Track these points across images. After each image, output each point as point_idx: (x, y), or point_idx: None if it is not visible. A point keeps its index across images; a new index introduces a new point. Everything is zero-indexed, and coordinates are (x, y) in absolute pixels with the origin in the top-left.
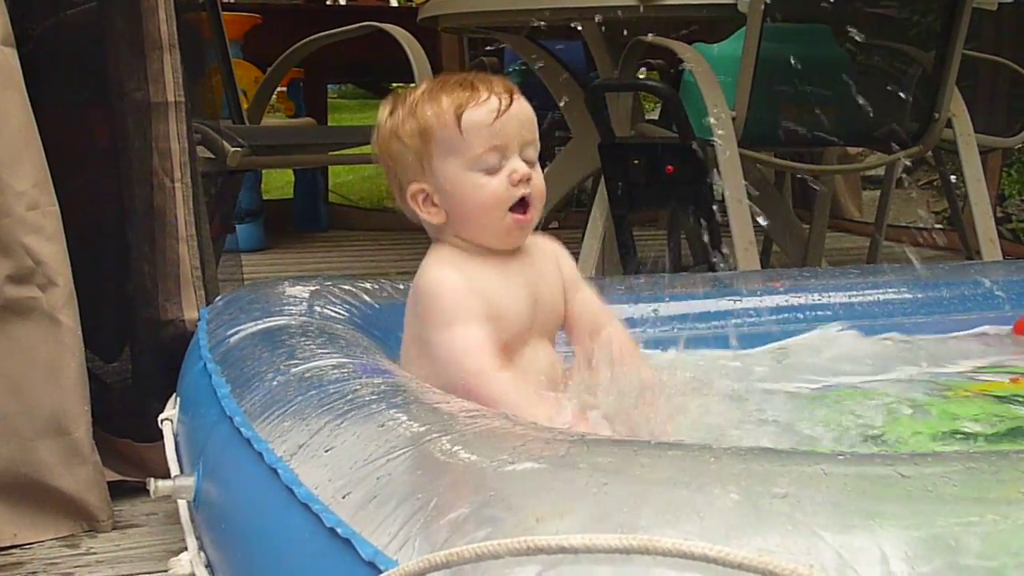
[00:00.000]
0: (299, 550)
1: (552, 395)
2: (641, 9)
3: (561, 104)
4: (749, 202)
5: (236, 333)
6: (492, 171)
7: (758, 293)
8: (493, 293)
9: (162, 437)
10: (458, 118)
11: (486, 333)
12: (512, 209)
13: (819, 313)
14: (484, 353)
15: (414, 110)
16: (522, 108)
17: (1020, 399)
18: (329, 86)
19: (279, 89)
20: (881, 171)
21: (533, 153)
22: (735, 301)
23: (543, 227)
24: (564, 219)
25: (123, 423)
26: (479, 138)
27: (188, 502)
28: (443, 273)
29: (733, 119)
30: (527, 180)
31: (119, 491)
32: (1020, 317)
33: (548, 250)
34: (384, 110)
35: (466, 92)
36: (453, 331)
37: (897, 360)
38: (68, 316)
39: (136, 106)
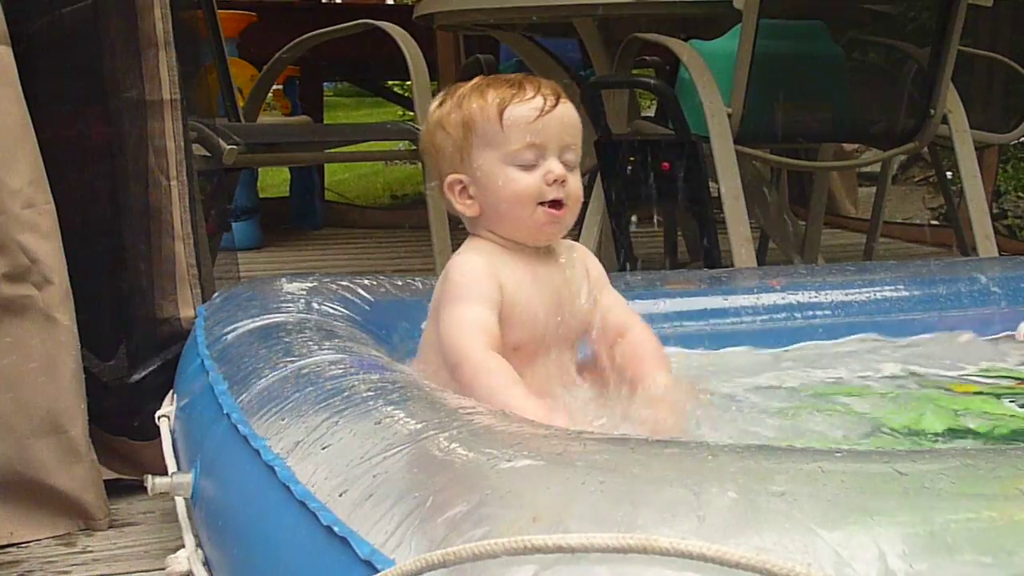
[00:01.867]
0: (296, 548)
1: (536, 399)
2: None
3: None
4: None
5: (234, 330)
6: (528, 168)
7: (754, 290)
8: (520, 291)
9: (158, 435)
10: (500, 112)
11: (489, 317)
12: (542, 203)
13: (816, 311)
14: (478, 332)
15: (460, 102)
16: (567, 111)
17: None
18: (325, 84)
19: (275, 87)
20: (877, 167)
21: (573, 158)
22: (732, 299)
23: None
24: None
25: (119, 421)
26: (518, 134)
27: (185, 499)
28: (468, 256)
29: (729, 116)
30: (562, 182)
31: (116, 489)
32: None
33: (578, 255)
34: (435, 102)
35: (512, 89)
36: (458, 307)
37: (894, 359)
38: (64, 314)
39: (132, 104)
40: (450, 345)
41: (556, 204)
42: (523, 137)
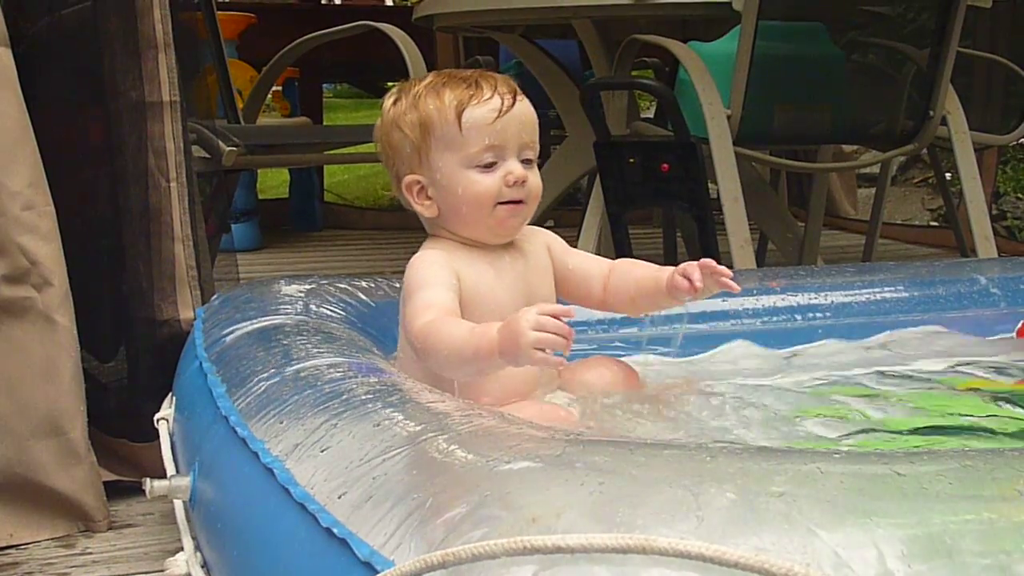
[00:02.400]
0: (295, 550)
1: (479, 327)
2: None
3: (556, 103)
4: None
5: (232, 332)
6: (487, 169)
7: (753, 292)
8: (481, 282)
9: (158, 437)
10: (459, 115)
11: (442, 295)
12: (502, 202)
13: (815, 312)
14: (422, 311)
15: (416, 102)
16: (524, 109)
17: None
18: (324, 85)
19: (274, 88)
20: (876, 169)
21: (531, 154)
22: (731, 300)
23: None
24: (560, 218)
25: (119, 423)
26: (478, 136)
27: (184, 502)
28: (422, 253)
29: (728, 117)
30: (522, 183)
31: (115, 491)
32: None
33: (538, 240)
34: (389, 99)
35: (470, 90)
36: (411, 299)
37: (889, 357)
38: (64, 316)
39: (131, 106)
40: (407, 334)
41: (516, 200)
42: (482, 140)
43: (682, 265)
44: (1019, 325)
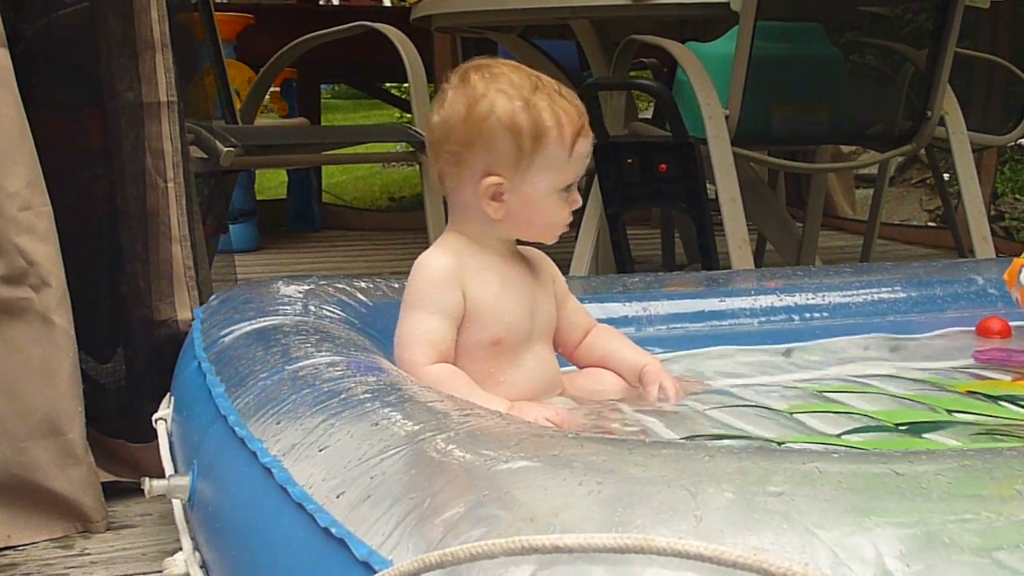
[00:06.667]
0: (293, 550)
1: (485, 394)
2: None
3: None
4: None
5: (230, 332)
6: (564, 195)
7: (752, 292)
8: (487, 289)
9: (156, 438)
10: (573, 144)
11: (441, 327)
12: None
13: (813, 312)
14: (425, 346)
15: (530, 108)
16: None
17: (1018, 399)
18: (322, 86)
19: (272, 89)
20: (874, 169)
21: None
22: (729, 300)
23: None
24: None
25: (117, 424)
26: (577, 168)
27: (183, 502)
28: (435, 257)
29: (726, 118)
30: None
31: (113, 492)
32: (981, 319)
33: (547, 268)
34: (482, 81)
35: (581, 119)
36: (413, 315)
37: (887, 356)
38: (61, 317)
39: (128, 106)
40: (399, 356)
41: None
42: (577, 171)
43: (661, 381)
44: (979, 321)
